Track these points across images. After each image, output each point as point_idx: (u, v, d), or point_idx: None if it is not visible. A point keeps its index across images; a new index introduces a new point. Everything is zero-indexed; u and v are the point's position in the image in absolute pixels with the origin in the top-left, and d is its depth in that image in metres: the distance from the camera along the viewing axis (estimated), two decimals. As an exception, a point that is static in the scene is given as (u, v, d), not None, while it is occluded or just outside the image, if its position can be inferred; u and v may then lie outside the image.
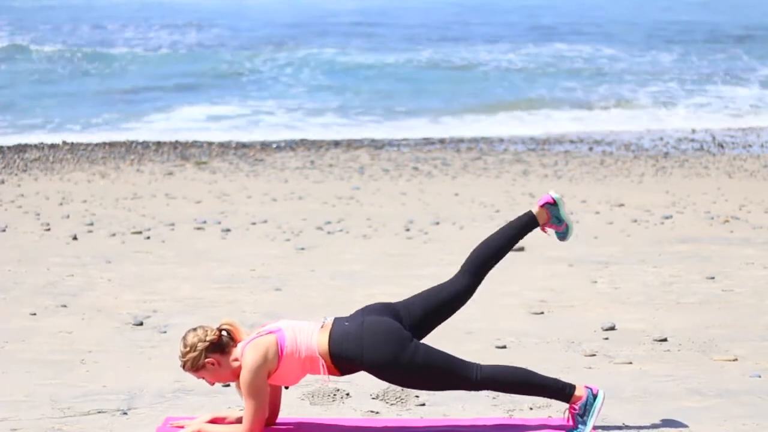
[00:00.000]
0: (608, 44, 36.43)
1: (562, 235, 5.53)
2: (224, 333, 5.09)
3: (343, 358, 5.02)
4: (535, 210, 5.47)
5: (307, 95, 26.71)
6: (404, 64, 31.54)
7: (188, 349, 5.01)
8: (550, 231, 5.54)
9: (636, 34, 39.00)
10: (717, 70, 30.51)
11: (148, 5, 52.55)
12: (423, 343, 5.07)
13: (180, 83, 28.40)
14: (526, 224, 5.45)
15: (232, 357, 5.07)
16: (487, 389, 5.10)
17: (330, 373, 5.06)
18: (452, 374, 5.04)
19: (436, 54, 33.37)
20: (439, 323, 5.28)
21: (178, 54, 34.34)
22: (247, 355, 4.98)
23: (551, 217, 5.48)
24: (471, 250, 5.42)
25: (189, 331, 5.06)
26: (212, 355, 5.02)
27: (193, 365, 5.02)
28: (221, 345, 5.05)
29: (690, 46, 36.15)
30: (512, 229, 5.44)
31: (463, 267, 5.34)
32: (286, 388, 5.22)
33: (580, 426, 5.08)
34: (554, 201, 5.45)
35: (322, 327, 5.10)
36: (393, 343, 5.00)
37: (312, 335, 5.05)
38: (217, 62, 32.25)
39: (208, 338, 5.02)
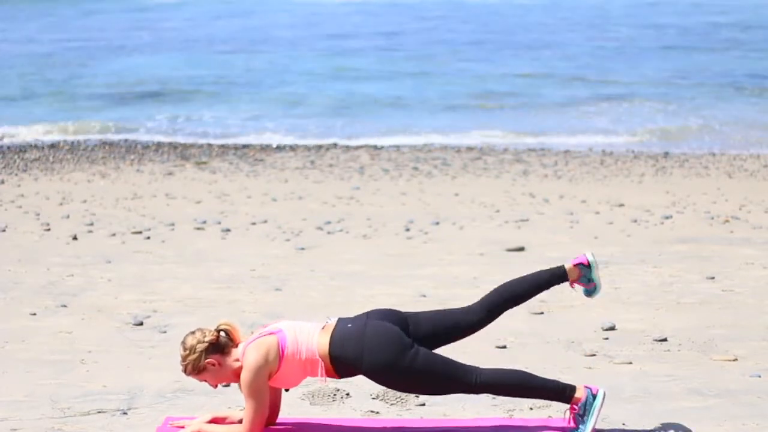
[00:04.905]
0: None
1: (589, 293, 5.50)
2: (222, 333, 5.10)
3: (342, 360, 5.02)
4: (567, 266, 5.42)
5: (305, 96, 26.70)
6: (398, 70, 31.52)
7: (188, 351, 5.02)
8: (578, 287, 5.51)
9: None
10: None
11: (151, 6, 52.59)
12: (423, 349, 5.06)
13: (178, 84, 28.40)
14: (555, 277, 5.40)
15: (233, 357, 5.07)
16: (487, 393, 5.10)
17: (329, 375, 5.06)
18: (451, 380, 5.04)
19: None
20: (443, 345, 5.24)
21: (177, 55, 34.35)
22: (248, 355, 4.99)
23: (582, 275, 5.45)
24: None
25: (187, 335, 5.08)
26: (212, 356, 5.03)
27: (195, 367, 5.03)
28: (220, 345, 5.06)
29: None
30: (541, 279, 5.39)
31: (482, 300, 5.31)
32: (287, 390, 5.22)
33: (580, 426, 5.08)
34: (588, 263, 5.44)
35: (323, 328, 5.10)
36: (393, 349, 5.00)
37: (313, 337, 5.06)
38: (216, 63, 32.26)
39: (206, 339, 5.03)
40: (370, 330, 5.04)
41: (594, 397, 5.09)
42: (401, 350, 5.00)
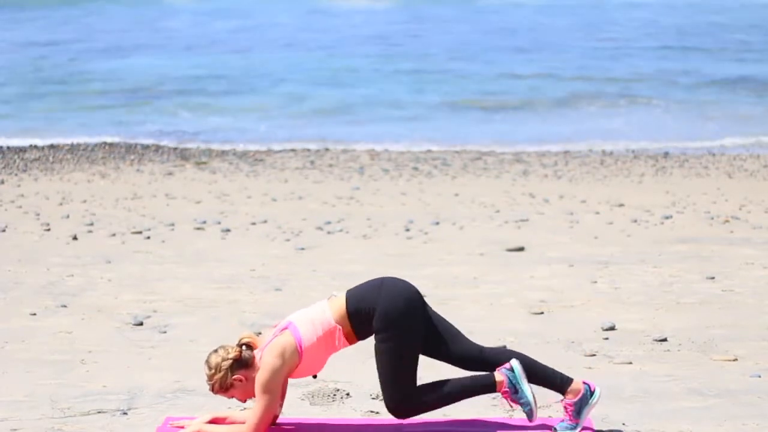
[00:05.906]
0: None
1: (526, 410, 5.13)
2: (245, 348, 5.10)
3: (359, 313, 5.05)
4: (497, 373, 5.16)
5: (304, 97, 26.70)
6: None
7: (213, 370, 5.02)
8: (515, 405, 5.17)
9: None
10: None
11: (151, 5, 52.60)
12: (433, 319, 5.13)
13: (178, 84, 28.42)
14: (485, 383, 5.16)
15: (256, 369, 5.06)
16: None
17: (348, 340, 5.09)
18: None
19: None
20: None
21: (178, 55, 34.36)
22: (265, 357, 5.01)
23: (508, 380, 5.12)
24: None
25: (211, 353, 5.08)
26: (238, 371, 5.03)
27: (222, 385, 5.03)
28: (245, 361, 5.06)
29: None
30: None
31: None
32: (314, 377, 5.22)
33: (579, 421, 5.09)
34: (511, 367, 5.12)
35: (329, 299, 5.15)
36: (407, 297, 5.06)
37: (324, 311, 5.10)
38: (216, 63, 32.27)
39: (230, 356, 5.02)
40: (388, 280, 5.13)
41: (592, 393, 5.13)
42: (414, 303, 5.06)
